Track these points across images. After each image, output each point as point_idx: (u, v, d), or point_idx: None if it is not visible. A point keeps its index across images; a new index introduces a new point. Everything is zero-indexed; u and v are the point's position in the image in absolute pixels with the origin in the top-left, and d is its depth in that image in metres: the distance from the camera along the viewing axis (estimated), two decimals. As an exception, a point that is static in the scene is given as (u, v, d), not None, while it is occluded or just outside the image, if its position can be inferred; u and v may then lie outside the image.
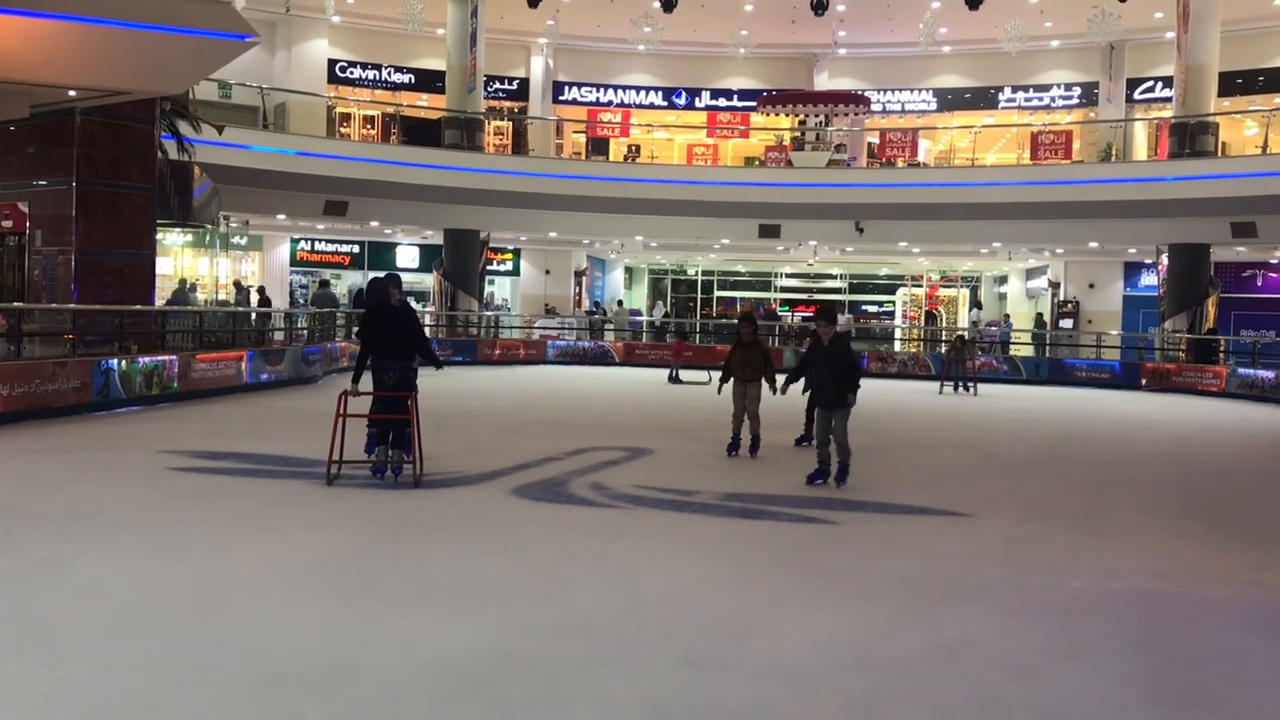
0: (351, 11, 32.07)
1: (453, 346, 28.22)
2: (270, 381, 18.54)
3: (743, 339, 12.00)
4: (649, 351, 29.91)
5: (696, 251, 36.92)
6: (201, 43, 14.38)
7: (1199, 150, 26.73)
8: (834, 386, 9.87)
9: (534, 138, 34.41)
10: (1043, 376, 27.81)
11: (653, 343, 31.84)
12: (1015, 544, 8.04)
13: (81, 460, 10.43)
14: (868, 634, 5.57)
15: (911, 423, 17.13)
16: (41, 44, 13.60)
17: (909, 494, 9.93)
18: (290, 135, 27.76)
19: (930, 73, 35.38)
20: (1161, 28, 30.11)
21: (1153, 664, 5.30)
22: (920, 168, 31.25)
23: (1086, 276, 34.37)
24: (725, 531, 8.09)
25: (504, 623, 5.50)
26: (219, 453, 10.85)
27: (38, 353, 14.52)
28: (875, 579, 6.74)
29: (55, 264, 16.55)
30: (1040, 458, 13.48)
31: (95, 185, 16.51)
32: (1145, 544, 8.21)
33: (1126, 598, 6.53)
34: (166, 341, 17.51)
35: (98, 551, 6.69)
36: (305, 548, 7.02)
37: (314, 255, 34.66)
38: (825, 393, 10.06)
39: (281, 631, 5.23)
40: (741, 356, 11.88)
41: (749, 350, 11.89)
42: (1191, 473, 12.69)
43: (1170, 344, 28.09)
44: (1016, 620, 5.91)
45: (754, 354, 11.86)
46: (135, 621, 5.32)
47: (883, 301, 40.94)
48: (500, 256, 35.84)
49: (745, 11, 31.74)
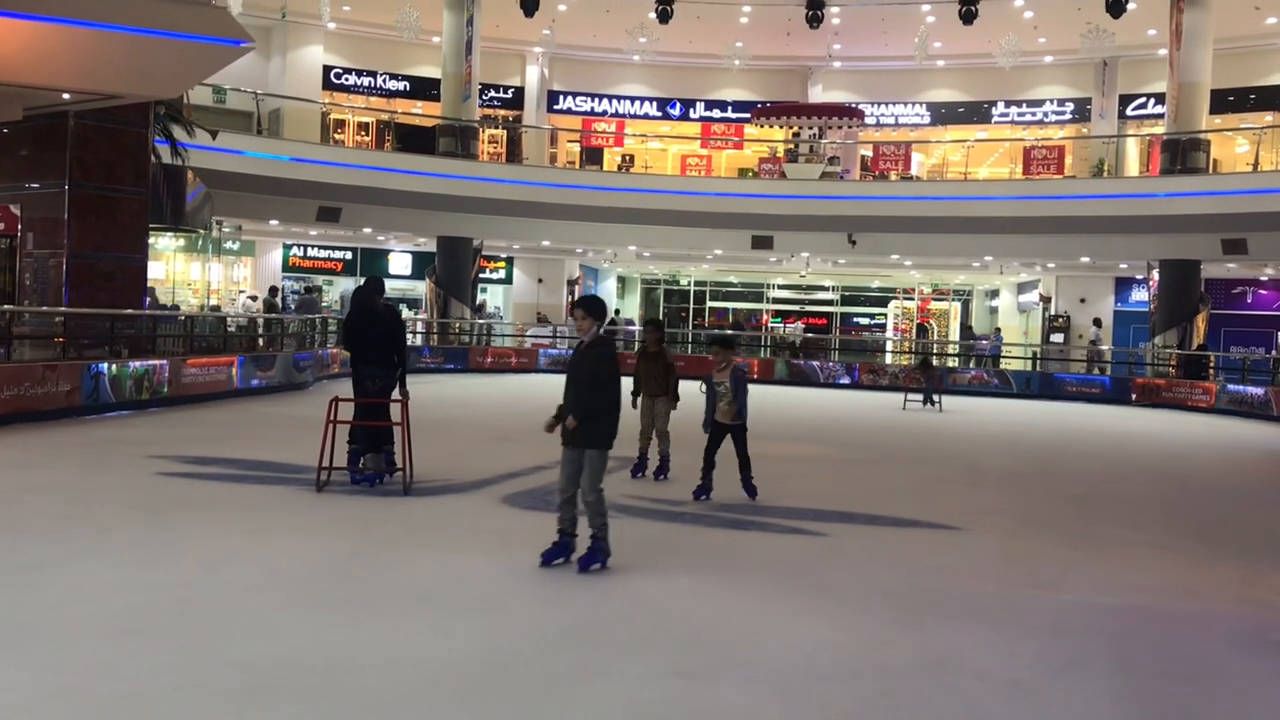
0: (347, 19, 32.09)
1: (444, 354, 28.21)
2: (261, 387, 18.50)
3: (648, 348, 10.82)
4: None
5: (689, 262, 36.97)
6: (196, 47, 14.37)
7: (1191, 167, 26.84)
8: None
9: (528, 146, 34.42)
10: (1033, 390, 27.88)
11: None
12: (1004, 557, 8.05)
13: (70, 464, 10.39)
14: (857, 645, 5.57)
15: (901, 435, 17.15)
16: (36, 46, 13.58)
17: (898, 506, 9.94)
18: (284, 141, 27.74)
19: (924, 86, 35.50)
20: (1154, 45, 30.25)
21: (1140, 679, 5.31)
22: (913, 181, 31.31)
23: (1078, 291, 34.47)
24: (714, 542, 8.08)
25: (492, 631, 5.49)
26: (208, 458, 10.81)
27: (28, 356, 14.48)
28: (864, 591, 6.74)
29: (47, 267, 16.50)
30: (1030, 471, 13.51)
31: (88, 188, 16.48)
32: (1134, 559, 8.22)
33: (1115, 612, 6.54)
34: (157, 346, 17.46)
35: (84, 556, 6.66)
36: (294, 554, 7.00)
37: (306, 261, 34.63)
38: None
39: (270, 638, 5.21)
40: (646, 368, 10.68)
41: (653, 361, 10.68)
42: (1181, 488, 12.73)
43: (1160, 360, 28.18)
44: (1005, 633, 5.91)
45: (658, 366, 10.66)
46: (121, 627, 5.29)
47: (874, 314, 41.01)
48: (493, 264, 35.82)
49: (740, 24, 31.83)
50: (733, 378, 9.62)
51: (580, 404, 6.65)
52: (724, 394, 9.62)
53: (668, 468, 10.70)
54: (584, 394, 6.66)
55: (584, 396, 6.66)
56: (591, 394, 6.64)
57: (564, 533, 6.82)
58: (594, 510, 6.72)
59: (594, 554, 6.74)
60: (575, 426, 6.63)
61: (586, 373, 6.69)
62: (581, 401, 6.65)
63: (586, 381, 6.67)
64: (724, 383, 9.63)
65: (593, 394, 6.64)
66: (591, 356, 6.75)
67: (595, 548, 6.74)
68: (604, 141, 35.12)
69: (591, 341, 6.80)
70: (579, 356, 6.85)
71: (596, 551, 6.74)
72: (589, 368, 6.70)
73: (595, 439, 6.65)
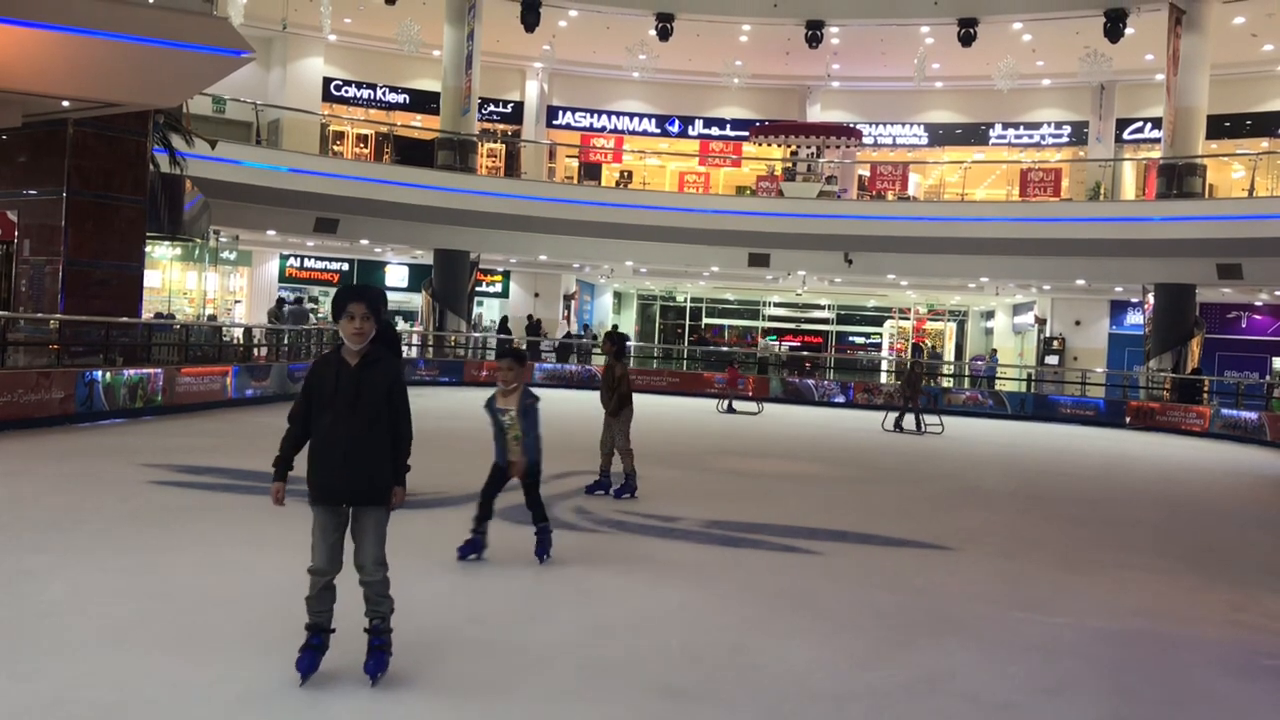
0: (348, 31, 32.17)
1: (440, 367, 28.17)
2: (255, 397, 18.47)
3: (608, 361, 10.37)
4: (634, 377, 29.92)
5: (686, 278, 37.02)
6: (197, 57, 14.40)
7: (1186, 191, 26.94)
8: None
9: (527, 161, 34.51)
10: (1028, 412, 27.90)
11: (638, 368, 31.88)
12: (997, 578, 8.04)
13: (62, 472, 10.35)
14: (847, 665, 5.55)
15: (895, 455, 17.14)
16: (36, 54, 13.60)
17: (892, 526, 9.93)
18: (283, 152, 27.77)
19: (922, 107, 35.63)
20: (1152, 70, 30.41)
21: (1132, 703, 5.30)
22: (910, 201, 31.42)
23: (1073, 314, 34.54)
24: (707, 559, 8.07)
25: (482, 648, 5.47)
26: (201, 467, 10.79)
27: (22, 363, 14.45)
28: (856, 610, 6.73)
29: (43, 274, 16.48)
30: (1024, 493, 13.50)
31: (86, 196, 16.48)
32: (1126, 582, 8.21)
33: (1106, 635, 6.53)
34: (153, 355, 17.43)
35: (74, 564, 6.63)
36: (285, 565, 6.95)
37: (303, 272, 34.62)
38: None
39: (261, 650, 5.19)
40: (604, 381, 10.31)
41: (606, 374, 10.28)
42: (1174, 512, 12.72)
43: (1155, 383, 28.21)
44: (997, 655, 5.90)
45: (609, 378, 10.26)
46: (110, 636, 5.27)
47: (869, 333, 41.05)
48: (490, 278, 35.85)
49: (740, 42, 31.96)
50: (521, 405, 7.12)
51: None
52: (510, 425, 7.19)
53: (633, 486, 10.29)
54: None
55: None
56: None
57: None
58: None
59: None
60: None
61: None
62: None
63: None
64: (509, 410, 7.15)
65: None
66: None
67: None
68: (602, 157, 35.21)
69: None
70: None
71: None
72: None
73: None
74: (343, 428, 4.66)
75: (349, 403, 4.66)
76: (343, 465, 4.66)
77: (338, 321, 4.71)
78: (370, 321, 4.69)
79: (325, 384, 4.71)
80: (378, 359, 4.76)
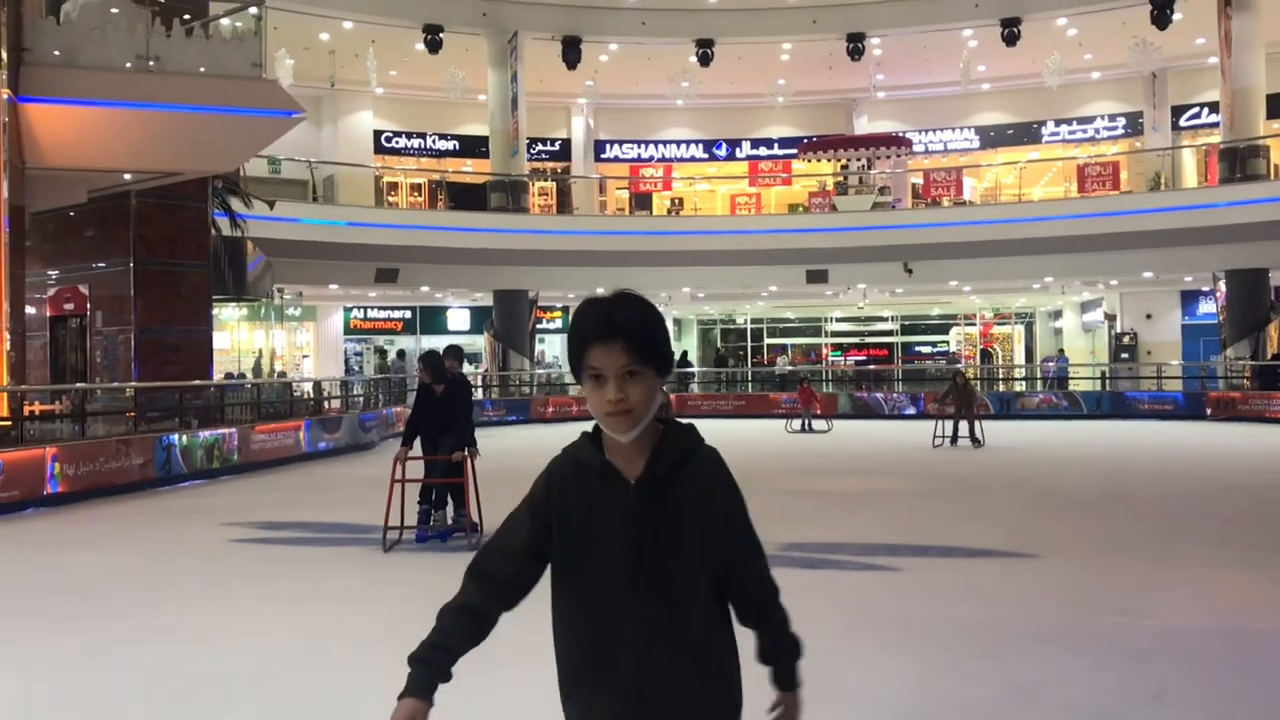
0: (394, 83, 32.70)
1: (506, 406, 28.35)
2: (328, 449, 18.72)
3: None
4: (700, 402, 29.92)
5: (744, 300, 36.91)
6: (251, 121, 14.75)
7: (1251, 174, 26.35)
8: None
9: (578, 196, 34.73)
10: (1104, 411, 27.35)
11: (704, 393, 31.85)
12: (1083, 584, 7.85)
13: (146, 536, 10.55)
14: (937, 680, 5.44)
15: (970, 464, 16.88)
16: (97, 131, 14.01)
17: (973, 536, 9.76)
18: (340, 206, 28.27)
19: (971, 111, 35.31)
20: (1204, 54, 29.85)
21: (1242, 707, 5.12)
22: (966, 206, 31.08)
23: (1143, 307, 33.85)
24: (787, 581, 7.92)
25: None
26: (279, 523, 10.93)
27: (101, 431, 14.80)
28: (942, 624, 6.60)
29: (116, 343, 16.91)
30: (1104, 494, 13.20)
31: (152, 265, 16.91)
32: (1219, 580, 7.97)
33: (1203, 635, 6.33)
34: (227, 415, 17.76)
35: (164, 629, 6.74)
36: (366, 615, 7.02)
37: (367, 323, 35.14)
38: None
39: (349, 703, 5.22)
40: None
41: None
42: (1264, 504, 12.33)
43: (1233, 372, 27.51)
44: (1089, 662, 5.74)
45: None
46: (203, 695, 5.33)
47: (936, 342, 40.57)
48: (549, 315, 36.08)
49: (782, 61, 31.95)
50: None
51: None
52: None
53: None
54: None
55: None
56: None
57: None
58: None
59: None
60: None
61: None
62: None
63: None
64: None
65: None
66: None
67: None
68: (652, 186, 35.30)
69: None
70: None
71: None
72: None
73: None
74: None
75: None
76: None
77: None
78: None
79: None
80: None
